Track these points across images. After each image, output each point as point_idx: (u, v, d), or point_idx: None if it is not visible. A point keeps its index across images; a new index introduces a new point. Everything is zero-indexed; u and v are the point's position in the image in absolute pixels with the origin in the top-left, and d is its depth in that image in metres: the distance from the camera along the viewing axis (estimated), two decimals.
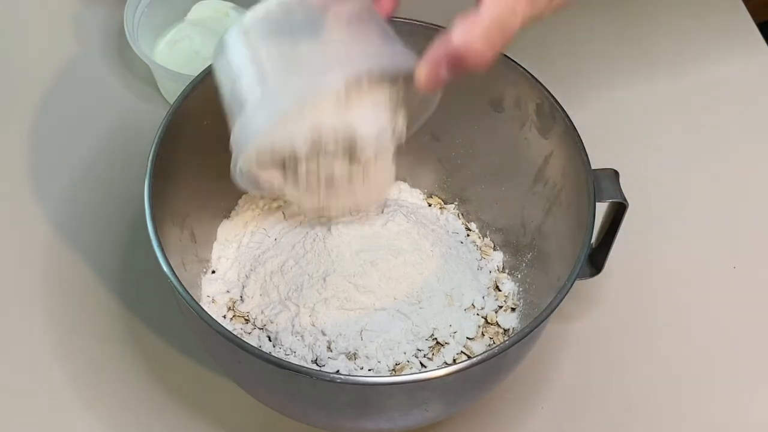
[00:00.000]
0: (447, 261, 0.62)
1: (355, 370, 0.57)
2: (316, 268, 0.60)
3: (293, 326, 0.58)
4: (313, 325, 0.58)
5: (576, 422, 0.62)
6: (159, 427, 0.60)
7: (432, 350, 0.59)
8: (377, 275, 0.60)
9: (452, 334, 0.60)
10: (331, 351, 0.57)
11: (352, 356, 0.58)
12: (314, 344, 0.58)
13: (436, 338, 0.60)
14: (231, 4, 0.76)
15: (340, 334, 0.58)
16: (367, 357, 0.58)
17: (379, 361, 0.58)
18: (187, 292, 0.50)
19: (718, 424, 0.63)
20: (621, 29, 0.84)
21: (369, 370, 0.58)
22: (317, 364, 0.57)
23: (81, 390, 0.61)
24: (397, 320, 0.59)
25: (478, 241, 0.66)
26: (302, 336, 0.58)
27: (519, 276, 0.64)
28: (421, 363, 0.59)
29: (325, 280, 0.59)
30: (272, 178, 0.53)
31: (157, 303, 0.64)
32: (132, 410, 0.61)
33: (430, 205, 0.68)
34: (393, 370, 0.58)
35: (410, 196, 0.68)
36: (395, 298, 0.59)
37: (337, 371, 0.57)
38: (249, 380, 0.55)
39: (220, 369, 0.60)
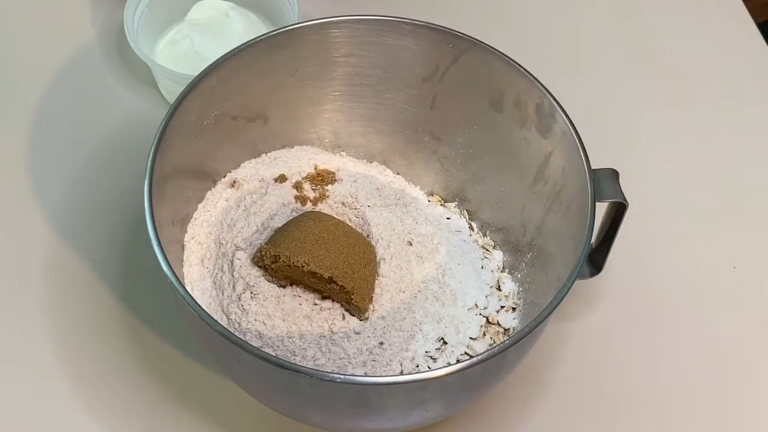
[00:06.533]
0: (452, 259, 0.62)
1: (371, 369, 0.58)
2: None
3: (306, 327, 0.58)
4: (330, 330, 0.58)
5: (576, 422, 0.62)
6: (159, 427, 0.60)
7: (438, 351, 0.59)
8: (383, 276, 0.60)
9: (456, 334, 0.60)
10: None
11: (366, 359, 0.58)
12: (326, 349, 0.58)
13: (443, 338, 0.60)
14: (231, 4, 0.76)
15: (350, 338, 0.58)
16: (375, 360, 0.58)
17: (389, 364, 0.58)
18: (187, 292, 0.50)
19: (718, 423, 0.63)
20: (621, 29, 0.84)
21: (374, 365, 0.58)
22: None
23: (81, 390, 0.61)
24: (408, 320, 0.59)
25: (480, 240, 0.66)
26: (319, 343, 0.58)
27: (519, 276, 0.64)
28: (428, 365, 0.59)
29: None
30: None
31: (157, 303, 0.64)
32: (132, 410, 0.61)
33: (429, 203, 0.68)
34: (401, 372, 0.58)
35: (413, 192, 0.68)
36: (400, 299, 0.60)
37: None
38: (249, 380, 0.55)
39: (220, 369, 0.60)
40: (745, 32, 0.83)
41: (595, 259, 0.60)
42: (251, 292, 0.57)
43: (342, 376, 0.48)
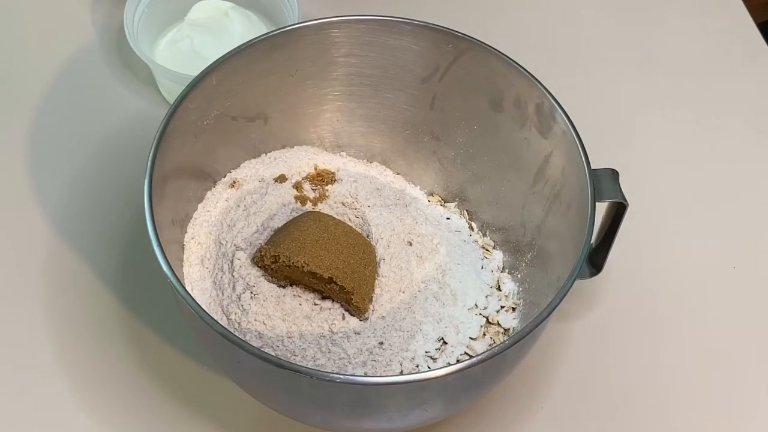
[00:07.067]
0: (452, 259, 0.62)
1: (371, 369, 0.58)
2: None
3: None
4: (330, 330, 0.58)
5: (576, 422, 0.62)
6: (159, 427, 0.60)
7: (438, 351, 0.59)
8: (383, 276, 0.60)
9: (456, 334, 0.60)
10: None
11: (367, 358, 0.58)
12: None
13: (443, 339, 0.60)
14: (231, 4, 0.76)
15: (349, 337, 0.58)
16: (375, 360, 0.58)
17: (389, 364, 0.58)
18: (187, 292, 0.50)
19: (718, 423, 0.63)
20: (621, 29, 0.84)
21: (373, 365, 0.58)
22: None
23: (81, 390, 0.61)
24: (409, 320, 0.59)
25: (480, 240, 0.66)
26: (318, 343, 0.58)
27: (519, 276, 0.64)
28: (428, 365, 0.59)
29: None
30: None
31: (157, 303, 0.64)
32: (132, 410, 0.61)
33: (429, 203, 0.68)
34: (401, 372, 0.58)
35: (413, 192, 0.68)
36: (400, 299, 0.60)
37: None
38: (249, 380, 0.55)
39: (220, 369, 0.60)
40: (745, 32, 0.83)
41: (595, 259, 0.60)
42: (251, 292, 0.58)
43: (342, 376, 0.48)
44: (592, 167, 0.55)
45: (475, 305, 0.62)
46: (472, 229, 0.67)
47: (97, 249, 0.67)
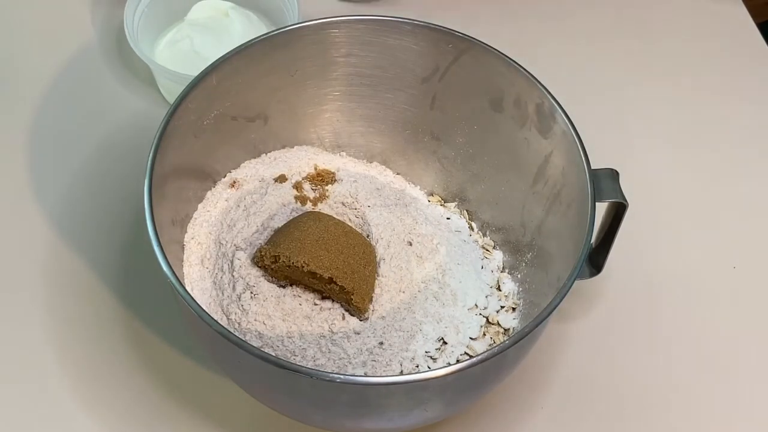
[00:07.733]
0: (452, 259, 0.62)
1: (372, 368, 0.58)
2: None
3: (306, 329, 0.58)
4: (330, 330, 0.58)
5: (576, 422, 0.62)
6: (158, 427, 0.60)
7: (438, 351, 0.59)
8: (383, 276, 0.60)
9: (456, 334, 0.60)
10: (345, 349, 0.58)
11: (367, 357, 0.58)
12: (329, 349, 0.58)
13: (443, 339, 0.60)
14: (231, 4, 0.76)
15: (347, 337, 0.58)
16: (375, 360, 0.58)
17: (389, 364, 0.58)
18: (187, 292, 0.50)
19: (718, 423, 0.62)
20: (621, 29, 0.84)
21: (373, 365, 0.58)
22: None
23: (81, 390, 0.61)
24: (409, 320, 0.59)
25: (480, 240, 0.66)
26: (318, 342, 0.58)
27: (519, 276, 0.64)
28: (428, 365, 0.59)
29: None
30: None
31: (157, 303, 0.64)
32: (132, 410, 0.61)
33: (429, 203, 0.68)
34: (401, 372, 0.58)
35: (413, 192, 0.68)
36: (400, 299, 0.60)
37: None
38: (249, 380, 0.55)
39: (220, 369, 0.60)
40: (745, 32, 0.83)
41: (595, 259, 0.60)
42: (251, 292, 0.58)
43: (342, 376, 0.48)
44: (592, 167, 0.55)
45: (475, 305, 0.62)
46: (472, 229, 0.67)
47: (97, 249, 0.67)
